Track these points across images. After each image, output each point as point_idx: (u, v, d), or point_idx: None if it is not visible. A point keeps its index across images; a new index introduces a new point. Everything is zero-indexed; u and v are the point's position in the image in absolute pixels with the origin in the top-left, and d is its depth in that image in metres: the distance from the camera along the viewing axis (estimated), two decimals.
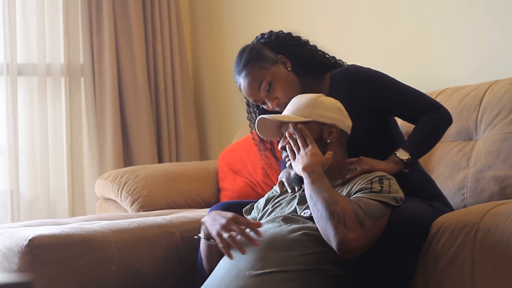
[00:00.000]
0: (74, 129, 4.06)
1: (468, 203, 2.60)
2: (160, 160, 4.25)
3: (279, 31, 2.48)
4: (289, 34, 2.47)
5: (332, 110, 2.22)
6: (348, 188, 2.12)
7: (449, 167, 2.69)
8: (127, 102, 4.14)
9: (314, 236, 2.05)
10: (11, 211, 3.85)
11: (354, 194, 2.08)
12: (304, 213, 2.13)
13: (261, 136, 2.33)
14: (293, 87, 2.36)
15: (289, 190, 2.27)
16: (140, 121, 4.14)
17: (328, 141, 2.20)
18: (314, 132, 2.19)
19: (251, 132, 2.54)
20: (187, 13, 4.52)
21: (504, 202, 2.09)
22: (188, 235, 2.60)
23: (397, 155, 2.21)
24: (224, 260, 2.13)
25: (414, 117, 2.32)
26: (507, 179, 2.49)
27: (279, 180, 2.35)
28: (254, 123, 2.39)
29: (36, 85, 3.96)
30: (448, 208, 2.33)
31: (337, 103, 2.26)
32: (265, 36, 2.47)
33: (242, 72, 2.38)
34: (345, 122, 2.24)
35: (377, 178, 2.09)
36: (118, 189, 3.43)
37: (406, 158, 2.21)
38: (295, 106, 2.24)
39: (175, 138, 4.31)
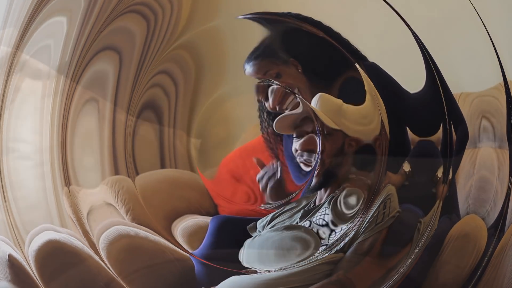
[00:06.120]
0: None
1: (471, 211, 2.56)
2: (161, 166, 4.23)
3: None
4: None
5: (355, 121, 2.19)
6: None
7: None
8: None
9: None
10: None
11: None
12: (304, 224, 2.12)
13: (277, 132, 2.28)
14: (301, 84, 2.36)
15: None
16: None
17: (346, 153, 2.18)
18: (339, 142, 2.16)
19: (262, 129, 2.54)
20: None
21: None
22: None
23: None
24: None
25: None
26: None
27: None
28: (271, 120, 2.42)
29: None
30: None
31: (360, 110, 2.21)
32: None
33: (250, 62, 2.38)
34: (367, 131, 2.21)
35: None
36: (115, 196, 3.40)
37: (408, 170, 2.19)
38: (324, 106, 2.18)
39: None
